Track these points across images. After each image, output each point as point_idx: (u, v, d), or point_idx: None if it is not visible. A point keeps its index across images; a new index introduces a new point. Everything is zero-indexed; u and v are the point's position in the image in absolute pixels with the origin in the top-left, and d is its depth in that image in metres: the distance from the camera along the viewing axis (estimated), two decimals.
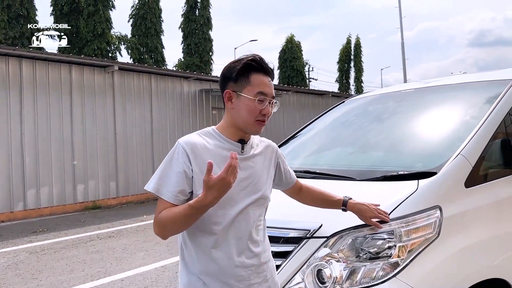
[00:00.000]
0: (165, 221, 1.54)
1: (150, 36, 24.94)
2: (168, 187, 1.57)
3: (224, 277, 1.60)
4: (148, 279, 4.95)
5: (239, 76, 1.65)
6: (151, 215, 9.02)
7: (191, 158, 1.58)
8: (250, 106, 1.63)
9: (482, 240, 2.15)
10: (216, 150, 1.63)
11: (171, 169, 1.59)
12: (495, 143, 2.38)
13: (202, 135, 1.67)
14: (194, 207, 1.48)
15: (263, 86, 1.64)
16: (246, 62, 1.64)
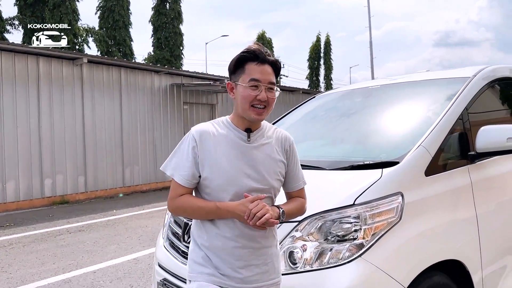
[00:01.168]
0: (187, 207, 1.75)
1: (118, 28, 24.56)
2: (181, 171, 1.74)
3: (223, 254, 1.73)
4: (120, 270, 4.99)
5: (236, 68, 1.77)
6: (121, 210, 8.99)
7: (199, 145, 1.72)
8: (244, 93, 1.73)
9: (440, 224, 2.34)
10: (223, 137, 1.76)
11: (182, 154, 1.76)
12: (453, 136, 2.58)
13: (214, 123, 1.81)
14: (220, 209, 1.69)
15: (256, 73, 1.73)
16: (240, 53, 1.76)
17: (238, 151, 1.74)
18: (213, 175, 1.72)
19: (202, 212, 1.72)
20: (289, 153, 1.86)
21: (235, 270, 1.72)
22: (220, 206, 1.69)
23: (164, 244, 2.85)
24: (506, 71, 3.32)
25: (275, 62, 1.79)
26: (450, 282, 2.36)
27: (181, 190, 1.75)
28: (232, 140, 1.76)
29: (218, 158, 1.72)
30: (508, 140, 2.53)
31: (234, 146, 1.75)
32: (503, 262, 2.74)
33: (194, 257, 1.80)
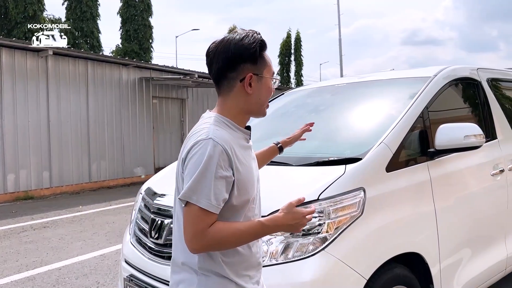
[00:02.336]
0: (228, 236, 1.38)
1: (85, 20, 23.95)
2: (209, 196, 1.36)
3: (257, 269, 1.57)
4: (87, 267, 4.92)
5: (255, 56, 1.48)
6: (88, 206, 8.83)
7: (231, 158, 1.40)
8: (271, 87, 1.53)
9: (400, 218, 2.44)
10: (237, 142, 1.48)
11: (212, 175, 1.36)
12: (413, 133, 2.68)
13: (221, 127, 1.47)
14: (267, 225, 1.41)
15: (272, 65, 1.56)
16: (260, 39, 1.49)
17: (250, 154, 1.54)
18: (246, 188, 1.45)
19: (247, 236, 1.41)
20: None
21: (259, 283, 1.58)
22: (266, 222, 1.41)
23: (131, 240, 2.84)
24: (466, 71, 3.46)
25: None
26: (410, 274, 2.46)
27: (210, 219, 1.37)
28: (241, 143, 1.50)
29: (247, 169, 1.46)
30: (465, 137, 2.66)
31: (247, 150, 1.52)
32: (460, 255, 2.88)
33: None
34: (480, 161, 3.16)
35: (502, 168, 3.34)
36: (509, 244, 3.42)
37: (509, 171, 3.43)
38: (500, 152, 3.41)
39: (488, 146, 3.30)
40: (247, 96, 1.49)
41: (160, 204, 2.59)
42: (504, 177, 3.36)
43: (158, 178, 3.19)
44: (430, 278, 2.60)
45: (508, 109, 3.80)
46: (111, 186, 11.72)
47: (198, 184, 1.36)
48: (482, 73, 3.62)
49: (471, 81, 3.45)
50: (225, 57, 1.47)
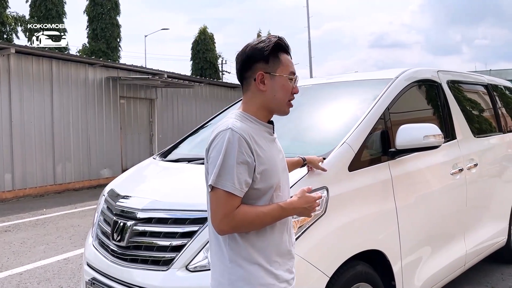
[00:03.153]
0: (253, 218, 1.51)
1: (51, 18, 23.27)
2: (234, 179, 1.49)
3: (285, 259, 1.63)
4: (49, 271, 4.79)
5: (270, 57, 1.61)
6: (51, 208, 8.59)
7: (251, 146, 1.52)
8: (286, 86, 1.63)
9: (362, 217, 2.49)
10: (260, 134, 1.60)
11: (234, 160, 1.49)
12: (375, 134, 2.74)
13: (241, 121, 1.59)
14: (285, 208, 1.57)
15: (292, 65, 1.66)
16: (276, 42, 1.62)
17: (273, 146, 1.64)
18: (268, 176, 1.56)
19: (269, 218, 1.54)
20: None
21: (290, 271, 1.65)
22: (285, 206, 1.56)
23: (93, 243, 2.79)
24: (427, 74, 3.56)
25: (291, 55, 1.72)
26: (372, 271, 2.52)
27: (235, 202, 1.50)
28: (264, 135, 1.61)
29: (269, 158, 1.57)
30: (425, 137, 2.73)
31: (270, 142, 1.63)
32: (421, 252, 2.96)
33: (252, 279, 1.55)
34: (440, 160, 3.26)
35: (461, 167, 3.46)
36: (468, 240, 3.54)
37: (468, 170, 3.55)
38: (459, 152, 3.53)
39: (448, 146, 3.41)
40: (262, 93, 1.62)
41: (123, 206, 2.55)
42: (463, 176, 3.48)
43: (122, 180, 3.14)
44: (392, 275, 2.66)
45: (467, 110, 3.94)
46: (77, 188, 11.44)
47: (222, 170, 1.49)
48: (443, 75, 3.74)
49: (432, 83, 3.55)
50: (241, 59, 1.64)
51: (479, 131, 3.99)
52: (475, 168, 3.65)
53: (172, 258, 2.21)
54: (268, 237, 1.58)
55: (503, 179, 4.25)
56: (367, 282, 2.46)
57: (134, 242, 2.37)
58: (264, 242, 1.58)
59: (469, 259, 3.57)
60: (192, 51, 31.00)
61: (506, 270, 4.34)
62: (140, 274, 2.29)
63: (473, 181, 3.60)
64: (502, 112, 4.66)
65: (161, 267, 2.23)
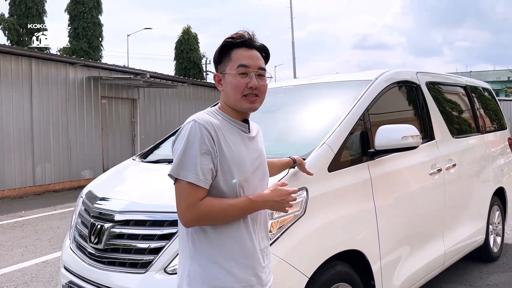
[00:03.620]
0: (217, 210, 1.47)
1: (31, 16, 22.90)
2: (198, 169, 1.46)
3: (250, 261, 1.55)
4: (27, 275, 4.69)
5: (222, 56, 1.61)
6: (30, 210, 8.44)
7: (214, 138, 1.50)
8: (233, 81, 1.58)
9: (341, 217, 2.50)
10: (228, 129, 1.57)
11: (194, 151, 1.47)
12: (354, 134, 2.76)
13: (211, 115, 1.59)
14: (255, 201, 1.51)
15: (243, 58, 1.58)
16: (225, 40, 1.61)
17: (245, 143, 1.60)
18: (231, 170, 1.51)
19: (235, 210, 1.49)
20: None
21: (258, 276, 1.57)
22: (254, 198, 1.51)
23: (70, 245, 2.74)
24: (406, 75, 3.60)
25: (263, 48, 1.65)
26: (351, 271, 2.53)
27: (200, 193, 1.46)
28: (237, 132, 1.59)
29: (234, 151, 1.53)
30: (403, 138, 2.76)
31: (241, 138, 1.59)
32: (400, 251, 2.99)
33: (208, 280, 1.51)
34: (418, 160, 3.30)
35: (439, 167, 3.50)
36: (446, 240, 3.59)
37: (446, 170, 3.60)
38: (438, 152, 3.57)
39: (427, 146, 3.45)
40: (223, 93, 1.64)
41: (100, 208, 2.52)
42: (442, 176, 3.53)
43: (100, 181, 3.10)
44: (371, 275, 2.68)
45: (446, 111, 4.00)
46: (57, 189, 11.25)
47: (184, 160, 1.47)
48: (422, 76, 3.79)
49: (411, 84, 3.59)
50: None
51: (457, 132, 4.05)
52: (453, 168, 3.71)
53: (150, 260, 2.18)
54: (230, 236, 1.53)
55: (481, 179, 4.33)
56: (346, 282, 2.48)
57: (112, 244, 2.33)
58: (225, 241, 1.52)
59: (448, 258, 3.62)
60: (176, 51, 30.86)
61: (484, 269, 4.41)
62: (118, 277, 2.26)
63: (451, 181, 3.65)
64: (480, 113, 4.75)
65: (139, 270, 2.20)
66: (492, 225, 4.60)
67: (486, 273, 4.30)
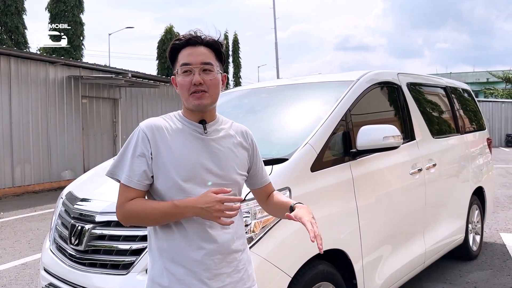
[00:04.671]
0: (139, 211, 1.49)
1: (10, 14, 22.41)
2: (130, 171, 1.51)
3: (188, 264, 1.52)
4: (6, 277, 4.60)
5: (173, 60, 1.61)
6: (9, 212, 8.27)
7: (151, 140, 1.52)
8: (179, 81, 1.57)
9: (323, 216, 2.50)
10: (177, 131, 1.57)
11: (129, 153, 1.53)
12: (337, 135, 2.78)
13: (166, 118, 1.62)
14: (179, 207, 1.46)
15: (185, 57, 1.57)
16: (171, 43, 1.61)
17: (196, 145, 1.56)
18: (170, 173, 1.50)
19: (157, 214, 1.47)
20: (252, 147, 1.70)
21: (203, 282, 1.51)
22: (178, 204, 1.46)
23: (50, 247, 2.70)
24: (387, 76, 3.65)
25: (211, 42, 1.59)
26: (333, 271, 2.55)
27: (130, 194, 1.50)
28: (188, 133, 1.57)
29: (174, 154, 1.52)
30: (384, 138, 2.79)
31: (191, 140, 1.56)
32: (381, 250, 3.02)
33: (153, 274, 1.56)
34: (399, 160, 3.34)
35: (420, 167, 3.55)
36: (427, 239, 3.64)
37: (427, 170, 3.66)
38: (418, 152, 3.63)
39: (407, 146, 3.50)
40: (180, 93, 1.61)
41: (81, 209, 2.48)
42: (422, 175, 3.58)
43: (80, 182, 3.05)
44: (354, 274, 2.70)
45: (427, 112, 4.06)
46: (37, 190, 11.05)
47: (119, 161, 1.55)
48: (402, 77, 3.84)
49: (392, 85, 3.64)
50: None
51: (437, 132, 4.12)
52: (433, 168, 3.76)
53: (132, 262, 2.16)
54: (166, 238, 1.53)
55: (461, 178, 4.41)
56: (329, 281, 2.49)
57: (93, 246, 2.30)
58: (163, 242, 1.54)
59: (429, 256, 3.68)
60: (158, 50, 30.60)
61: (464, 267, 4.49)
62: (99, 279, 2.23)
63: (432, 180, 3.71)
64: (460, 113, 4.83)
65: (120, 271, 2.18)
66: (471, 224, 4.69)
67: (466, 271, 4.38)
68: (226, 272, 1.55)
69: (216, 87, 1.58)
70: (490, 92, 35.50)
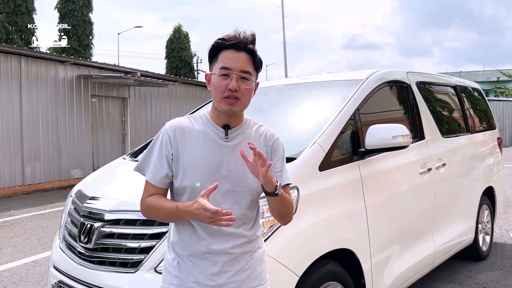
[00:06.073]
0: (152, 207, 1.61)
1: (20, 14, 22.63)
2: (152, 169, 1.62)
3: (197, 259, 1.59)
4: (16, 275, 4.65)
5: (212, 57, 1.63)
6: (19, 210, 8.37)
7: (172, 141, 1.59)
8: (215, 82, 1.59)
9: (332, 216, 2.51)
10: (200, 133, 1.61)
11: (154, 152, 1.63)
12: (345, 134, 2.77)
13: (191, 118, 1.66)
14: (180, 210, 1.53)
15: (227, 60, 1.58)
16: (215, 41, 1.62)
17: (215, 150, 1.58)
18: (186, 175, 1.57)
19: (164, 213, 1.58)
20: (271, 149, 1.67)
21: (208, 276, 1.57)
22: (180, 207, 1.53)
23: (60, 245, 2.72)
24: (397, 75, 3.62)
25: (252, 50, 1.61)
26: (342, 270, 2.54)
27: (151, 190, 1.62)
28: (209, 137, 1.60)
29: (193, 157, 1.57)
30: (394, 138, 2.77)
31: (210, 144, 1.59)
32: (390, 250, 3.01)
33: (166, 264, 1.68)
34: (408, 160, 3.32)
35: (429, 167, 3.53)
36: (436, 239, 3.62)
37: (436, 169, 3.63)
38: (428, 152, 3.60)
39: (417, 146, 3.47)
40: (211, 93, 1.63)
41: (90, 208, 2.50)
42: (432, 175, 3.55)
43: (90, 181, 3.07)
44: (362, 274, 2.69)
45: (436, 111, 4.03)
46: (47, 189, 11.15)
47: (145, 159, 1.66)
48: (412, 76, 3.81)
49: (401, 84, 3.61)
50: None
51: (447, 131, 4.08)
52: (443, 168, 3.73)
53: (140, 260, 2.17)
54: (184, 233, 1.62)
55: (471, 178, 4.37)
56: (337, 281, 2.48)
57: (102, 244, 2.32)
58: (179, 237, 1.63)
59: (438, 257, 3.65)
60: (167, 49, 30.72)
61: (473, 267, 4.46)
62: (108, 277, 2.25)
63: (441, 180, 3.68)
64: (470, 113, 4.79)
65: (129, 269, 2.19)
66: (481, 224, 4.64)
67: (475, 272, 4.34)
68: (232, 270, 1.59)
69: (249, 96, 1.61)
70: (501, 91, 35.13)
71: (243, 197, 1.61)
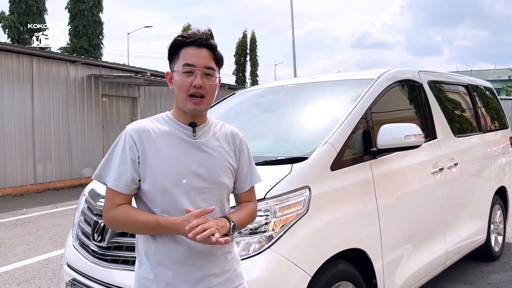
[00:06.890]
0: (124, 220, 1.50)
1: (31, 15, 22.87)
2: (117, 176, 1.51)
3: (176, 266, 1.52)
4: (29, 272, 4.70)
5: (172, 55, 1.58)
6: (31, 208, 8.45)
7: (138, 144, 1.51)
8: (179, 80, 1.54)
9: (343, 216, 2.50)
10: (165, 133, 1.55)
11: (116, 157, 1.53)
12: (357, 133, 2.76)
13: (154, 120, 1.60)
14: (162, 225, 1.46)
15: (189, 56, 1.54)
16: (175, 38, 1.58)
17: (184, 148, 1.54)
18: (157, 177, 1.50)
19: (141, 227, 1.49)
20: (238, 149, 1.66)
21: (190, 283, 1.52)
22: (162, 222, 1.45)
23: (73, 243, 2.75)
24: (408, 74, 3.60)
25: (213, 46, 1.58)
26: (353, 270, 2.53)
27: (118, 199, 1.50)
28: (176, 136, 1.55)
29: (161, 157, 1.51)
30: (406, 137, 2.76)
31: (178, 143, 1.55)
32: (402, 250, 2.99)
33: (141, 275, 1.56)
34: (420, 159, 3.30)
35: (441, 166, 3.50)
36: (448, 239, 3.59)
37: (448, 169, 3.60)
38: (440, 151, 3.58)
39: (429, 145, 3.45)
40: (174, 93, 1.60)
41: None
42: (444, 175, 3.53)
43: None
44: (373, 274, 2.68)
45: (448, 110, 4.00)
46: (58, 187, 11.26)
47: (106, 165, 1.55)
48: (424, 75, 3.79)
49: (413, 83, 3.59)
50: None
51: (459, 131, 4.05)
52: (455, 167, 3.71)
53: None
54: (162, 241, 1.52)
55: (483, 178, 4.33)
56: (349, 281, 2.48)
57: (115, 242, 2.34)
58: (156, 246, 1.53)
59: (450, 257, 3.63)
60: None
61: (485, 268, 4.42)
62: (120, 275, 2.26)
63: (453, 180, 3.66)
64: (482, 112, 4.75)
65: None
66: (493, 224, 4.60)
67: (487, 272, 4.30)
68: (214, 273, 1.56)
69: (214, 93, 1.58)
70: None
71: (217, 193, 1.58)
